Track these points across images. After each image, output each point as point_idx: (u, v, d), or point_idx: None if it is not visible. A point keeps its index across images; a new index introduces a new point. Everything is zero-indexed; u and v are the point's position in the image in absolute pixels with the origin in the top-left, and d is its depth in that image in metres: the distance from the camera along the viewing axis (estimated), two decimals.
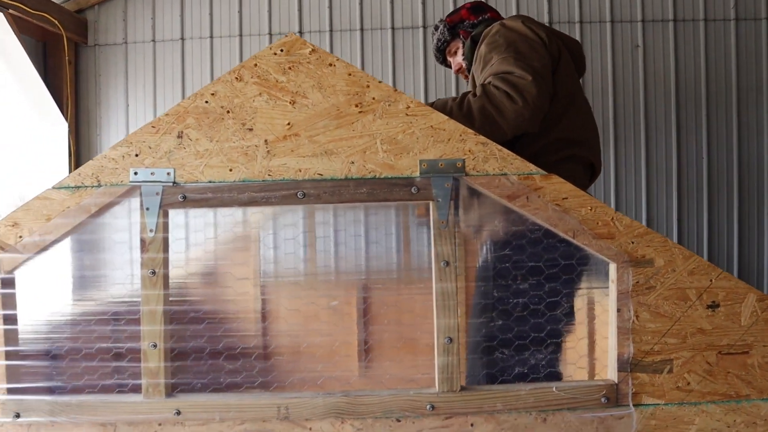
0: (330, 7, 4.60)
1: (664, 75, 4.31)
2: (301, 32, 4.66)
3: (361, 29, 4.61)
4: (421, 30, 4.52)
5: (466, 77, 2.50)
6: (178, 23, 4.78)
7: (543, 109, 2.02)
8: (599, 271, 1.79)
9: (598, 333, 1.96)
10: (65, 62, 4.72)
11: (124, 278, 1.71)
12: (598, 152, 2.25)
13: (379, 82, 1.58)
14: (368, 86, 1.58)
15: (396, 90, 1.58)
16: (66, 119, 4.79)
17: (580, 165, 2.15)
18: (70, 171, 4.83)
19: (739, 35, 4.23)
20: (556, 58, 2.16)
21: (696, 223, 4.24)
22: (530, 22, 2.20)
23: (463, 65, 2.48)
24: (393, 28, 4.57)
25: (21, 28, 4.29)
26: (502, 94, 1.97)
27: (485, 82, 2.03)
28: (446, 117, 1.59)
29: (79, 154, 4.92)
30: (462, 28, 2.45)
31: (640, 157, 4.26)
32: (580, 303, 1.96)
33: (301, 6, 4.61)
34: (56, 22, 4.33)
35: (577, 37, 4.30)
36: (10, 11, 4.20)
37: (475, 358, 1.66)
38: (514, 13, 4.37)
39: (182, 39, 4.80)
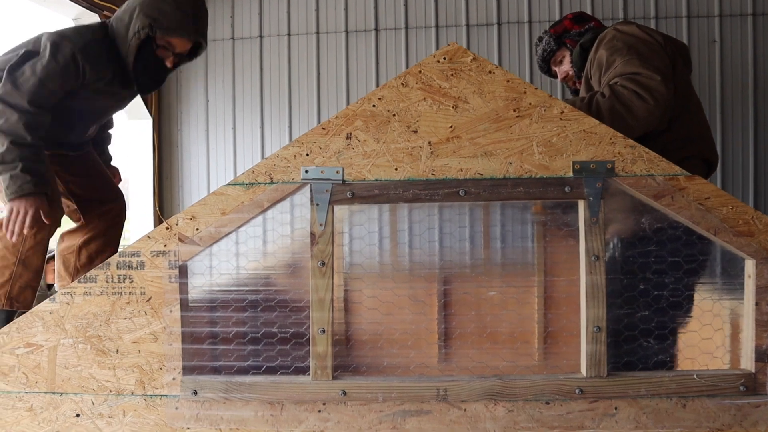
0: (406, 4, 4.71)
1: (742, 70, 4.32)
2: (377, 29, 4.78)
3: (436, 26, 4.71)
4: (495, 27, 4.61)
5: (573, 84, 2.59)
6: (257, 21, 4.94)
7: (670, 108, 2.11)
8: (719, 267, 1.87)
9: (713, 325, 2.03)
10: None
11: (288, 268, 1.85)
12: (714, 148, 2.33)
13: (535, 88, 1.69)
14: (525, 92, 1.69)
15: (551, 96, 1.69)
16: (150, 114, 4.99)
17: (699, 162, 2.23)
18: (153, 164, 5.05)
19: None
20: (672, 59, 2.24)
21: None
22: (644, 27, 2.28)
23: (570, 73, 2.56)
24: (468, 26, 4.66)
25: None
26: (631, 93, 2.06)
27: (612, 83, 2.12)
28: (597, 121, 1.69)
29: (161, 149, 5.12)
30: (568, 38, 2.54)
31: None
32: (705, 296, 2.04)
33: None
34: None
35: None
36: (105, 12, 4.39)
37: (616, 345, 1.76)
38: (590, 12, 4.42)
39: (260, 36, 4.96)
